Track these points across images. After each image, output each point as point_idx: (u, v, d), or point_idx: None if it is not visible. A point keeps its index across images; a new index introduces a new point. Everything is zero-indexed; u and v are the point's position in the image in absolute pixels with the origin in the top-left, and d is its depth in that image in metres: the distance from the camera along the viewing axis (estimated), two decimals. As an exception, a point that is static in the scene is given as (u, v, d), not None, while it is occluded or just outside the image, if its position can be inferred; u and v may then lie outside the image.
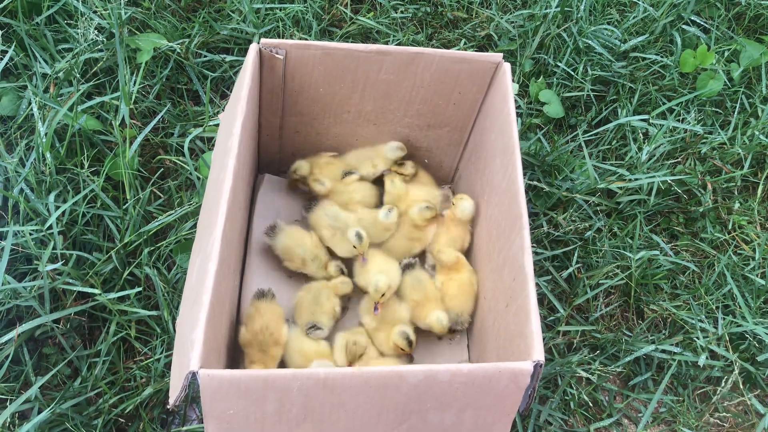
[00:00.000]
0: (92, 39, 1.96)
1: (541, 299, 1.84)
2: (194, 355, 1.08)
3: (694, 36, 2.41)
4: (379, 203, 1.84)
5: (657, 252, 1.91)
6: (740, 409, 1.80)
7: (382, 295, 1.60)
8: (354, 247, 1.68)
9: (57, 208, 1.66)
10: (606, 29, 2.34)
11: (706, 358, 1.74)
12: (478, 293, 1.67)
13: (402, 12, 2.38)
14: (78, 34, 1.98)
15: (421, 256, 1.80)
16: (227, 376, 1.08)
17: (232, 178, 1.31)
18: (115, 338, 1.60)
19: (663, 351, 1.78)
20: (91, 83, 1.94)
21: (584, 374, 1.68)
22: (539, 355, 1.16)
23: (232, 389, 1.09)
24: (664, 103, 2.24)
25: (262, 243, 1.75)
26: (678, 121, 2.20)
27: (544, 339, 1.48)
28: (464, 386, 1.14)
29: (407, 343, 1.58)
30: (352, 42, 2.26)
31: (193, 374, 1.07)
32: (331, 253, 1.74)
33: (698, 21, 2.46)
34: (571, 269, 1.87)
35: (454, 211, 1.75)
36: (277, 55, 1.57)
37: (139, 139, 1.82)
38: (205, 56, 2.13)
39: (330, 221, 1.73)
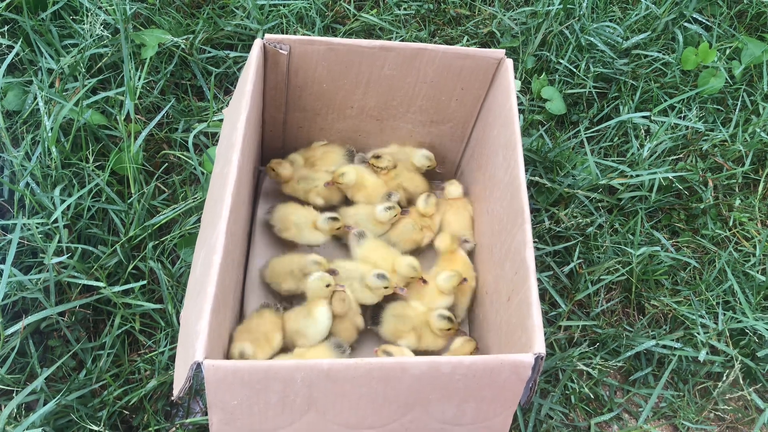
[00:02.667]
0: (98, 35, 1.98)
1: (543, 294, 1.85)
2: (199, 346, 1.09)
3: (696, 34, 2.42)
4: (344, 198, 1.85)
5: (658, 248, 1.92)
6: (740, 404, 1.81)
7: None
8: (385, 287, 1.61)
9: (62, 201, 1.67)
10: (608, 26, 2.34)
11: (707, 353, 1.75)
12: (478, 287, 1.68)
13: (405, 9, 2.39)
14: (84, 29, 1.99)
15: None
16: (231, 366, 1.09)
17: (237, 172, 1.32)
18: (120, 331, 1.61)
19: (663, 346, 1.79)
20: (96, 78, 1.96)
21: (585, 368, 1.69)
22: (540, 347, 1.17)
23: (236, 380, 1.10)
24: (665, 100, 2.25)
25: (265, 235, 1.76)
26: (679, 118, 2.21)
27: (545, 333, 1.49)
28: (466, 378, 1.15)
29: (448, 321, 1.60)
30: (354, 38, 2.27)
31: (198, 365, 1.08)
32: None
33: (700, 19, 2.46)
34: (572, 265, 1.87)
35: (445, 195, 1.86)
36: (281, 51, 1.58)
37: (144, 133, 1.83)
38: (209, 52, 2.14)
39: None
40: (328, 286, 1.57)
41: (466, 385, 1.16)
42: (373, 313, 1.64)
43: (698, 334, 1.79)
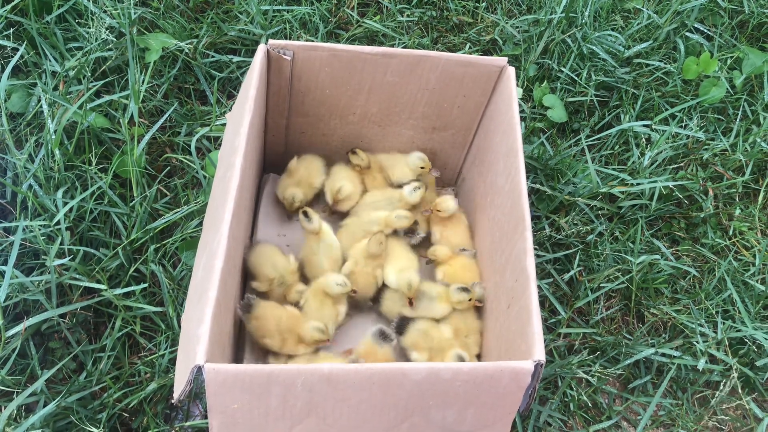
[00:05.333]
0: (103, 38, 1.99)
1: (543, 301, 1.85)
2: (200, 350, 1.10)
3: (698, 43, 2.43)
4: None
5: (658, 256, 1.93)
6: (738, 414, 1.81)
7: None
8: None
9: (65, 204, 1.68)
10: (610, 35, 2.36)
11: (706, 362, 1.76)
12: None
13: (408, 15, 2.40)
14: (88, 33, 2.00)
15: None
16: (232, 370, 1.09)
17: (240, 177, 1.33)
18: (120, 334, 1.62)
19: (663, 354, 1.79)
20: (100, 82, 1.96)
21: (585, 376, 1.70)
22: (540, 354, 1.18)
23: (236, 383, 1.10)
24: (666, 109, 2.26)
25: (267, 240, 1.77)
26: (680, 127, 2.22)
27: (544, 341, 1.49)
28: (466, 384, 1.16)
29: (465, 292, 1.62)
30: (357, 44, 2.28)
31: (199, 368, 1.08)
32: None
33: (701, 28, 2.48)
34: (572, 272, 1.88)
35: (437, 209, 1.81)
36: (284, 56, 1.59)
37: (147, 137, 1.84)
38: (213, 57, 2.15)
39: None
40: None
41: (466, 392, 1.17)
42: (400, 322, 1.63)
43: (697, 342, 1.79)
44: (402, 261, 1.71)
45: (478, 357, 1.63)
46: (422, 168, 1.86)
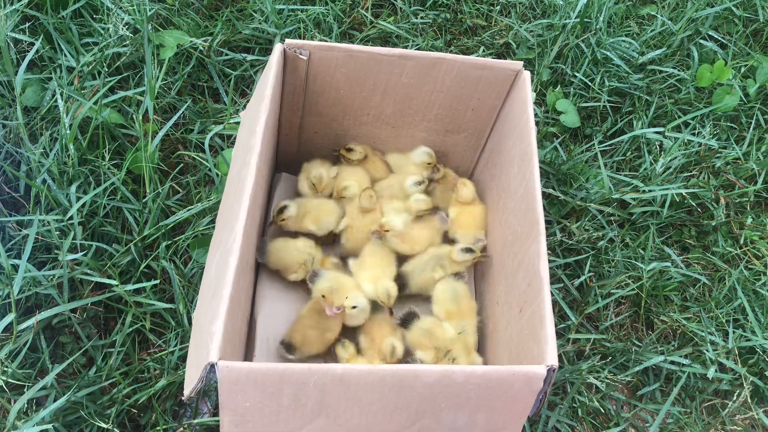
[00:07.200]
0: (120, 34, 1.99)
1: (553, 307, 1.83)
2: (214, 347, 1.10)
3: (712, 51, 2.43)
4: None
5: (668, 264, 1.92)
6: (747, 423, 1.80)
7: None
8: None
9: (78, 199, 1.68)
10: (624, 41, 2.35)
11: (716, 371, 1.75)
12: (488, 297, 1.68)
13: (422, 17, 2.40)
14: (104, 29, 2.01)
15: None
16: (245, 368, 1.09)
17: (255, 175, 1.33)
18: (131, 330, 1.62)
19: (672, 362, 1.79)
20: (115, 78, 1.97)
21: (594, 381, 1.69)
22: (553, 359, 1.17)
23: (249, 381, 1.10)
24: (679, 117, 2.25)
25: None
26: (693, 134, 2.21)
27: (555, 345, 1.49)
28: (478, 388, 1.15)
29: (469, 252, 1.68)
30: (371, 45, 2.28)
31: (212, 366, 1.08)
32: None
33: (716, 36, 2.47)
34: (583, 278, 1.88)
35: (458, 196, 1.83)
36: (300, 56, 1.59)
37: (161, 134, 1.84)
38: (227, 54, 2.15)
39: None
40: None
41: (478, 395, 1.17)
42: (404, 317, 1.64)
43: (707, 351, 1.78)
44: (376, 269, 1.69)
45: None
46: (429, 164, 1.86)
